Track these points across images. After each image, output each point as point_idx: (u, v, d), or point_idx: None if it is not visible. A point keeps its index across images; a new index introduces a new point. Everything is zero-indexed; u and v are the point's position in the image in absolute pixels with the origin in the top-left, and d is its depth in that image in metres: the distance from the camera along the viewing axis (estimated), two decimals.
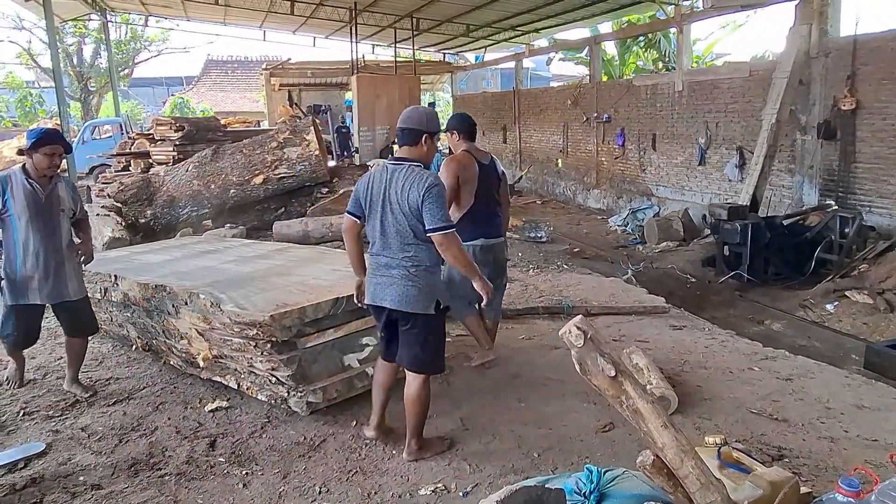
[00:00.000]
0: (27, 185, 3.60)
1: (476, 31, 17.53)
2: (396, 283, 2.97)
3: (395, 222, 2.95)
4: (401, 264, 2.97)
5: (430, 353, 3.09)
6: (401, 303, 2.97)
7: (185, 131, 11.87)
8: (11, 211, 3.58)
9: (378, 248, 3.04)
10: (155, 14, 20.68)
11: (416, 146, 3.01)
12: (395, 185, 2.93)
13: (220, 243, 5.58)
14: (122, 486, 2.97)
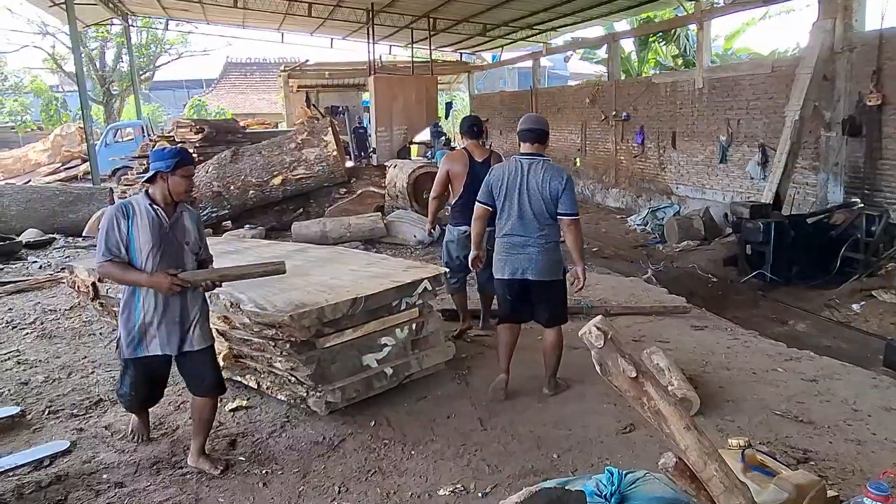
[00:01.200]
0: (152, 212, 2.98)
1: (493, 30, 17.49)
2: (535, 258, 3.62)
3: (534, 206, 3.57)
4: (537, 242, 3.61)
5: (562, 309, 3.85)
6: (542, 273, 3.64)
7: (205, 133, 11.97)
8: (134, 244, 2.95)
9: (511, 229, 3.64)
10: (175, 18, 20.94)
11: (543, 144, 3.70)
12: (535, 176, 3.57)
13: (239, 244, 5.62)
14: (144, 484, 3.01)
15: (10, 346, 4.85)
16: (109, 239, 2.93)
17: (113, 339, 4.88)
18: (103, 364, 4.44)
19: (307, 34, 20.28)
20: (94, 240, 8.44)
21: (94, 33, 24.45)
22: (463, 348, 4.52)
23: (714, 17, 11.18)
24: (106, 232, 2.93)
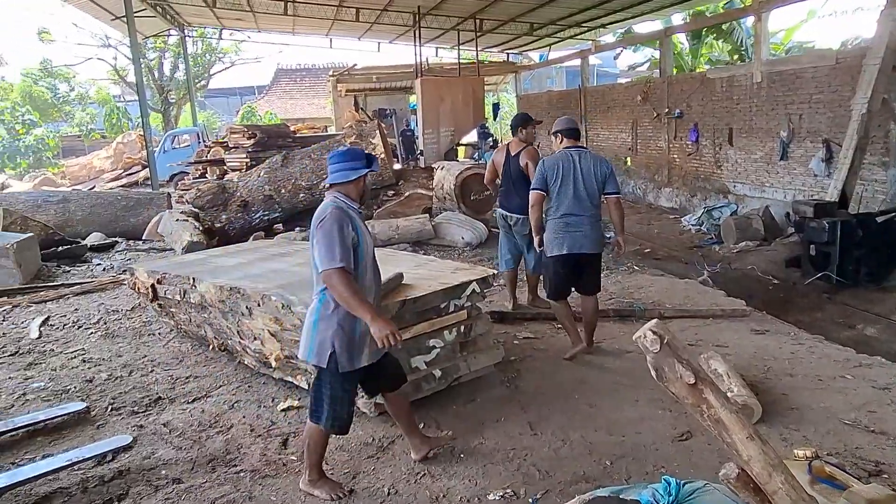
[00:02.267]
0: (360, 216, 2.89)
1: (540, 29, 17.33)
2: (589, 234, 4.24)
3: (587, 188, 4.22)
4: (589, 220, 4.24)
5: (601, 278, 4.58)
6: (594, 247, 4.30)
7: (257, 138, 12.31)
8: (362, 249, 2.80)
9: (568, 209, 4.23)
10: (228, 27, 21.55)
11: (580, 138, 4.51)
12: (586, 163, 4.26)
13: (290, 246, 5.72)
14: (200, 480, 3.08)
15: (77, 344, 5.06)
16: (342, 242, 2.67)
17: (170, 339, 5.05)
18: (162, 363, 4.58)
19: (355, 39, 20.55)
20: (154, 243, 8.81)
21: (152, 44, 25.41)
22: (512, 351, 4.47)
23: (773, 9, 10.76)
24: (337, 235, 2.67)
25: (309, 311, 2.87)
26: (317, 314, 2.80)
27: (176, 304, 4.67)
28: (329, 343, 2.75)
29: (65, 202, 9.77)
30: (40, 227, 8.34)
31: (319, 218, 2.76)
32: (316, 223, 2.76)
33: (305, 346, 2.83)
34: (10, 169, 23.95)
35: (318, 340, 2.77)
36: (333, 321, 2.76)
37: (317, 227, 2.75)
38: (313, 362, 2.83)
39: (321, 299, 2.80)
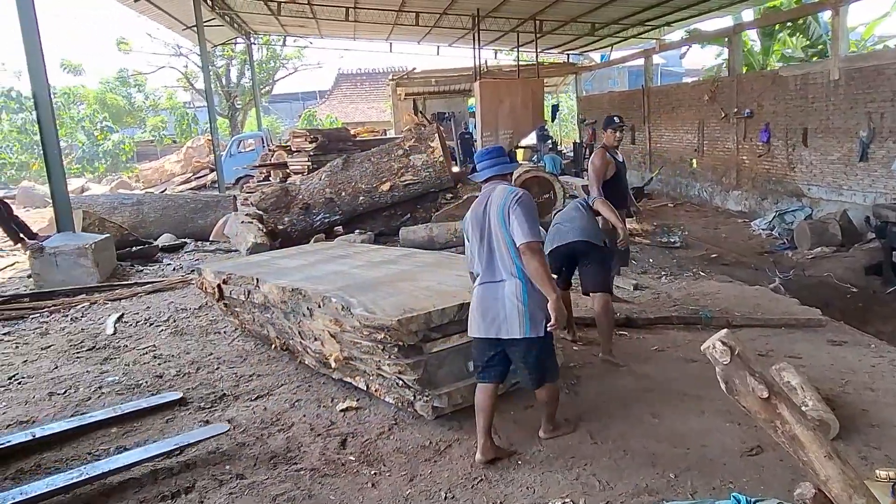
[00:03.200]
0: None
1: (602, 29, 17.04)
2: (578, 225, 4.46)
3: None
4: (584, 213, 4.55)
5: (604, 276, 4.55)
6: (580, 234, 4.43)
7: (319, 142, 12.58)
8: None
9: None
10: (292, 34, 22.17)
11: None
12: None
13: (350, 248, 5.80)
14: (262, 477, 3.15)
15: (148, 341, 5.29)
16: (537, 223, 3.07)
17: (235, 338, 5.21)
18: (227, 361, 4.73)
19: (414, 43, 20.77)
20: (221, 244, 9.12)
21: (220, 52, 26.41)
22: (571, 356, 4.39)
23: (852, 2, 10.20)
24: (534, 213, 3.06)
25: (510, 293, 3.03)
26: (525, 293, 3.01)
27: (240, 304, 4.80)
28: (540, 313, 3.02)
29: (139, 204, 10.26)
30: (116, 228, 8.79)
31: (514, 197, 3.04)
32: (511, 202, 3.02)
33: (520, 324, 3.01)
34: (89, 173, 25.35)
35: (531, 315, 3.01)
36: (537, 294, 3.01)
37: (514, 204, 3.00)
38: (532, 335, 3.02)
39: (522, 277, 3.02)
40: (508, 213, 3.01)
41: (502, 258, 3.05)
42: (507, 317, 3.03)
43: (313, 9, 16.71)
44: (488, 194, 3.16)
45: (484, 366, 3.20)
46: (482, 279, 3.13)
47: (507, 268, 3.05)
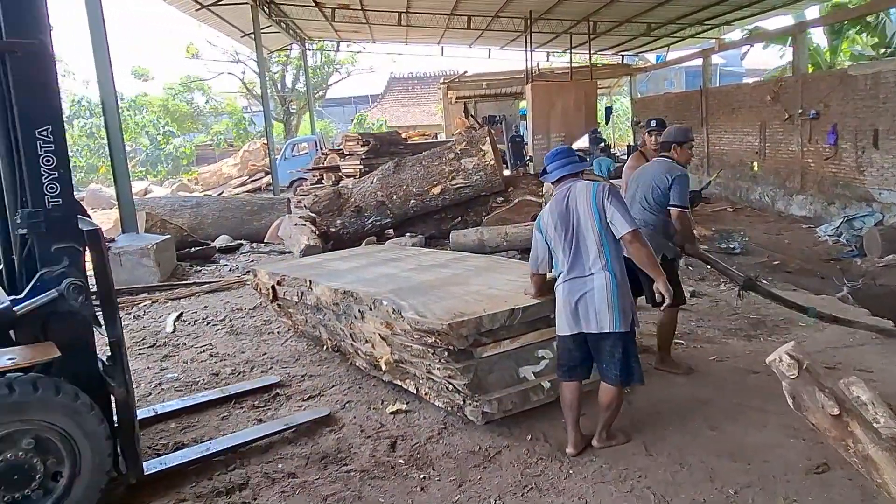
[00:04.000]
0: None
1: (658, 29, 16.68)
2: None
3: None
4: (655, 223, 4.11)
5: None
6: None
7: (371, 145, 12.74)
8: None
9: None
10: (345, 39, 22.56)
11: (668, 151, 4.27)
12: None
13: (401, 251, 5.83)
14: (313, 477, 3.18)
15: (206, 339, 5.45)
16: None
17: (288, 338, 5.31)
18: (280, 361, 4.82)
19: (466, 46, 20.82)
20: (275, 246, 9.32)
21: (276, 59, 27.10)
22: None
23: None
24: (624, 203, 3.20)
25: (600, 286, 3.04)
26: (615, 286, 3.04)
27: (293, 305, 4.89)
28: (629, 308, 3.08)
29: (197, 207, 10.60)
30: (176, 230, 9.11)
31: (605, 190, 3.11)
32: (604, 194, 3.08)
33: (610, 318, 3.03)
34: (151, 176, 26.41)
35: (621, 309, 3.04)
36: (627, 288, 3.08)
37: (609, 196, 3.07)
38: (621, 330, 3.05)
39: (612, 270, 3.05)
40: (604, 205, 3.05)
41: (591, 252, 3.07)
42: (598, 310, 3.04)
43: (366, 14, 16.95)
44: (566, 192, 3.19)
45: (571, 364, 3.23)
46: (567, 275, 3.13)
47: (597, 261, 3.06)
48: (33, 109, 2.70)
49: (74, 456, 2.66)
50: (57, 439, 2.63)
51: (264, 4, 16.27)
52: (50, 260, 2.74)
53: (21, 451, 2.55)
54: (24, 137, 2.69)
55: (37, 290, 2.71)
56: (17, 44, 2.65)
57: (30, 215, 2.70)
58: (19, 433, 2.55)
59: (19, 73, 2.67)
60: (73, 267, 2.77)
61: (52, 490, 2.65)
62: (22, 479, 2.56)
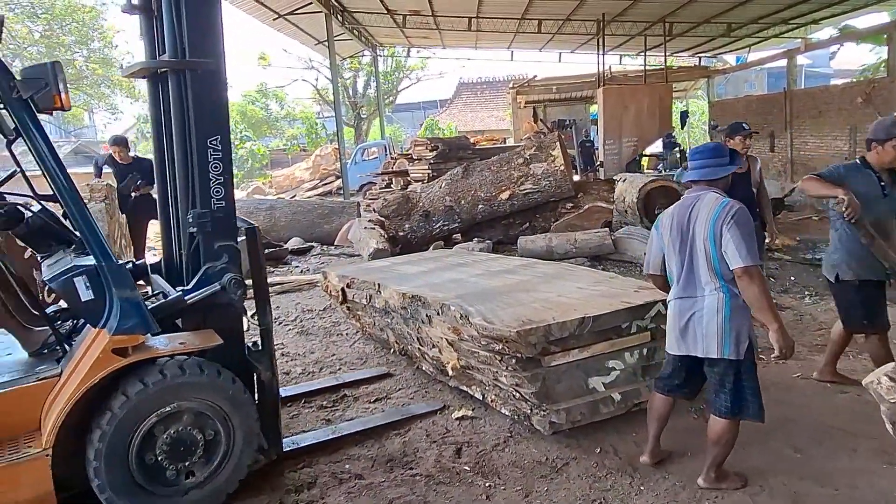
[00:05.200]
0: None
1: (739, 29, 16.02)
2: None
3: None
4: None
5: None
6: None
7: (439, 150, 12.81)
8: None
9: None
10: (416, 45, 22.82)
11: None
12: None
13: (468, 257, 5.82)
14: (379, 479, 3.20)
15: (277, 339, 5.57)
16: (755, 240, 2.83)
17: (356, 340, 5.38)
18: (348, 362, 4.89)
19: (536, 50, 20.65)
20: (345, 249, 9.51)
21: (348, 65, 27.75)
22: None
23: None
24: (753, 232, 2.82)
25: (710, 308, 2.81)
26: (728, 309, 2.77)
27: (362, 308, 4.96)
28: (745, 335, 2.78)
29: (271, 209, 10.95)
30: None
31: (728, 213, 2.74)
32: (725, 218, 2.74)
33: (719, 342, 2.79)
34: None
35: (735, 334, 2.77)
36: (746, 313, 2.77)
37: (729, 222, 2.72)
38: (731, 356, 2.79)
39: (727, 292, 2.78)
40: (721, 229, 2.74)
41: (703, 274, 2.83)
42: (706, 334, 2.82)
43: (437, 20, 17.10)
44: (693, 201, 2.89)
45: (674, 382, 3.09)
46: (678, 293, 2.93)
47: (709, 283, 2.82)
48: (206, 121, 2.99)
49: (229, 434, 2.93)
50: (216, 417, 2.89)
51: (338, 13, 16.69)
52: (212, 256, 3.04)
53: (186, 427, 2.82)
54: (197, 146, 2.98)
55: (201, 283, 3.01)
56: (198, 63, 2.94)
57: (199, 216, 2.99)
58: (185, 410, 2.81)
59: (197, 89, 2.96)
60: (232, 263, 3.07)
61: (209, 463, 2.91)
62: (185, 452, 2.83)
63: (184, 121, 3.01)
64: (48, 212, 3.10)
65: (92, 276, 2.73)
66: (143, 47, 3.29)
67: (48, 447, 2.58)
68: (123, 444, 2.68)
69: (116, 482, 2.68)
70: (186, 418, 2.82)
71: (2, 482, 2.52)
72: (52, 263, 2.98)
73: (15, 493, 2.54)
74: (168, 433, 2.78)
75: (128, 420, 2.68)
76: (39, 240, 3.10)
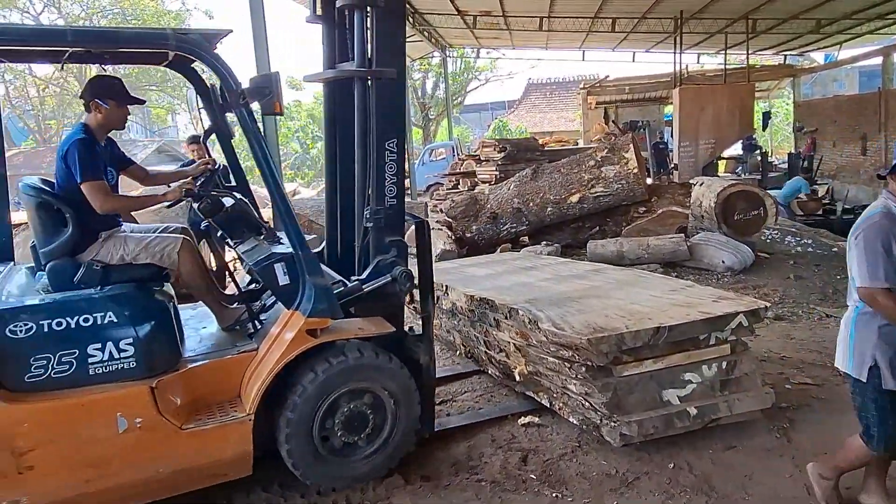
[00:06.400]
0: None
1: (829, 25, 15.14)
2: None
3: None
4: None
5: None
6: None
7: (507, 152, 12.72)
8: None
9: None
10: (485, 46, 22.77)
11: None
12: None
13: (537, 260, 5.73)
14: (445, 482, 3.19)
15: None
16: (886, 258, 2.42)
17: None
18: None
19: (608, 50, 20.20)
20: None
21: (417, 66, 27.99)
22: (784, 396, 3.87)
23: None
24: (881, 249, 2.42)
25: (844, 319, 2.68)
26: (853, 325, 2.60)
27: None
28: (869, 356, 2.53)
29: None
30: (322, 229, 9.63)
31: (862, 224, 2.53)
32: (857, 229, 2.54)
33: (844, 356, 2.65)
34: (300, 178, 28.33)
35: (858, 352, 2.58)
36: (873, 333, 2.52)
37: (857, 234, 2.52)
38: (853, 374, 2.61)
39: (857, 308, 2.59)
40: (851, 243, 2.54)
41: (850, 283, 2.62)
42: (838, 343, 2.70)
43: (507, 20, 16.98)
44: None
45: None
46: None
47: (852, 293, 2.60)
48: (386, 125, 3.23)
49: (395, 413, 3.17)
50: (384, 398, 3.13)
51: (409, 14, 16.86)
52: (383, 249, 3.29)
53: (360, 405, 3.08)
54: (377, 148, 3.21)
55: (373, 274, 3.25)
56: (383, 72, 3.18)
57: (374, 212, 3.25)
58: (360, 390, 3.07)
59: (380, 95, 3.20)
60: (400, 257, 3.30)
61: (377, 439, 3.16)
62: (358, 427, 3.09)
63: (365, 124, 3.22)
64: (244, 203, 3.44)
65: (289, 263, 3.04)
66: (322, 54, 3.59)
67: (251, 413, 2.86)
68: (310, 417, 2.96)
69: (302, 449, 2.97)
70: (361, 397, 3.07)
71: (214, 439, 2.84)
72: (247, 250, 3.31)
73: (223, 450, 2.87)
74: (345, 409, 3.04)
75: (314, 395, 2.95)
76: (234, 227, 3.42)
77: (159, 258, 3.11)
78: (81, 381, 2.69)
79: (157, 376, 2.80)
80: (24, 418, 2.59)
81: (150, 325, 2.83)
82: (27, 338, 2.61)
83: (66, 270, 2.95)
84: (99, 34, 3.41)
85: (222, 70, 2.83)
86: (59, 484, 2.65)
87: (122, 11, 24.23)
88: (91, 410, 2.69)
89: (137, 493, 2.79)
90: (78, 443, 2.66)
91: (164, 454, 2.78)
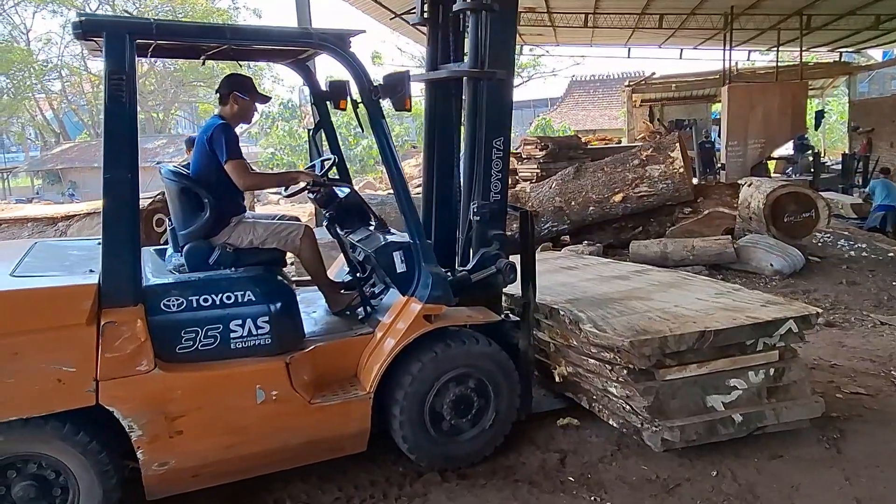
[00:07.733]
0: None
1: (889, 21, 14.50)
2: None
3: None
4: None
5: None
6: None
7: (549, 150, 12.59)
8: None
9: None
10: (529, 43, 22.56)
11: None
12: None
13: (578, 260, 5.67)
14: (481, 481, 3.19)
15: None
16: None
17: None
18: None
19: (655, 47, 19.78)
20: None
21: None
22: (834, 406, 3.74)
23: None
24: None
25: None
26: None
27: None
28: None
29: (382, 205, 11.18)
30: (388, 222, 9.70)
31: None
32: None
33: None
34: None
35: None
36: None
37: None
38: None
39: None
40: None
41: None
42: None
43: (552, 17, 16.80)
44: None
45: None
46: None
47: None
48: (494, 124, 3.37)
49: (499, 396, 3.31)
50: (489, 382, 3.28)
51: None
52: (486, 242, 3.43)
53: (467, 388, 3.23)
54: (484, 146, 3.35)
55: (478, 265, 3.40)
56: (495, 73, 3.29)
57: (480, 206, 3.38)
58: (467, 374, 3.23)
59: (491, 95, 3.34)
60: (502, 249, 3.43)
61: (482, 421, 3.30)
62: (463, 409, 3.24)
63: (475, 122, 3.35)
64: (357, 195, 3.67)
65: (406, 251, 3.23)
66: (426, 55, 3.77)
67: (371, 391, 3.04)
68: (423, 398, 3.13)
69: (414, 429, 3.13)
70: (467, 381, 3.22)
71: (339, 415, 3.01)
72: (361, 238, 3.52)
73: (345, 426, 3.06)
74: (454, 392, 3.19)
75: (428, 376, 3.12)
76: (347, 218, 3.63)
77: (284, 243, 3.29)
78: (224, 354, 2.86)
79: (288, 353, 2.97)
80: (176, 386, 2.75)
81: (281, 304, 3.00)
82: (179, 312, 2.79)
83: (203, 252, 3.13)
84: (253, 31, 3.60)
85: (357, 67, 3.00)
86: (203, 449, 2.81)
87: (173, 9, 24.93)
88: (234, 382, 2.86)
89: (268, 463, 2.99)
90: (221, 411, 2.84)
91: (295, 426, 2.95)
